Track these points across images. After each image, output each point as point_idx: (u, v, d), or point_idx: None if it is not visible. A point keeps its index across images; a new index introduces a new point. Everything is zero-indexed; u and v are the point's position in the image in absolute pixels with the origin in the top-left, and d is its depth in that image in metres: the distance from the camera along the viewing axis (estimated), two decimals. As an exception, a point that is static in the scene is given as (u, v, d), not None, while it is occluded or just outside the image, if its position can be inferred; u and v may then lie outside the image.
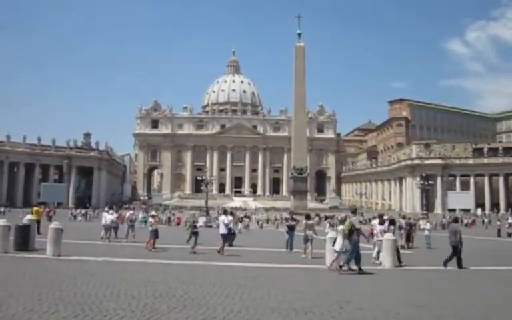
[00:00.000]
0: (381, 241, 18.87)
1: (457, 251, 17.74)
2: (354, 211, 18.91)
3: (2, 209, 70.22)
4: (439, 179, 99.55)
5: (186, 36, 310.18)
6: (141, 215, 55.08)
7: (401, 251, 21.74)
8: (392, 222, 19.28)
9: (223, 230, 21.53)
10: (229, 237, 22.80)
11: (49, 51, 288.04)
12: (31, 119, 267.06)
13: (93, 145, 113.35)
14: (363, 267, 16.13)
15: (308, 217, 23.47)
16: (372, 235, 40.43)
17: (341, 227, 16.85)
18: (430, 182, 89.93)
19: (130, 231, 30.13)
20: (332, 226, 50.98)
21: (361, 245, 16.78)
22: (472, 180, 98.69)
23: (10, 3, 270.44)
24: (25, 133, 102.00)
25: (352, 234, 16.10)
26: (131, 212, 35.82)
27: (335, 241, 16.70)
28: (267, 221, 68.20)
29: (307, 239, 21.74)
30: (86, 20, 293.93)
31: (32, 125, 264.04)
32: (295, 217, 27.46)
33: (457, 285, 15.10)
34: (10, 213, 66.02)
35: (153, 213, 28.70)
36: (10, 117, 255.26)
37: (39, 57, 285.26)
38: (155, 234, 22.44)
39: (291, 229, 24.43)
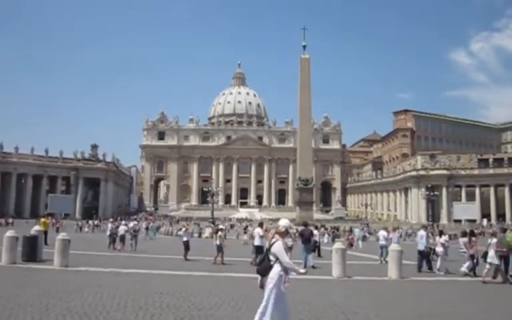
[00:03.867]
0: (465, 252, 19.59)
1: (508, 261, 17.77)
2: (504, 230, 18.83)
3: (10, 220, 70.46)
4: (444, 190, 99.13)
5: (192, 48, 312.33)
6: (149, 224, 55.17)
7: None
8: (472, 233, 19.22)
9: (257, 242, 21.38)
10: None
11: (56, 62, 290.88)
12: (38, 130, 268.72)
13: (100, 157, 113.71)
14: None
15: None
16: (351, 244, 40.74)
17: (494, 241, 16.85)
18: (435, 192, 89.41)
19: (133, 241, 30.49)
20: (337, 237, 51.15)
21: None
22: (477, 190, 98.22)
23: (16, 14, 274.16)
24: (32, 145, 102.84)
25: None
26: (135, 222, 36.11)
27: (486, 254, 16.87)
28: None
29: (220, 248, 22.18)
30: (92, 32, 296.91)
31: (40, 136, 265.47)
32: (308, 226, 24.88)
33: (466, 295, 15.01)
34: (19, 223, 66.28)
35: (221, 226, 28.78)
36: (18, 128, 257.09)
37: (46, 68, 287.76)
38: (220, 248, 22.45)
39: (307, 241, 22.07)
